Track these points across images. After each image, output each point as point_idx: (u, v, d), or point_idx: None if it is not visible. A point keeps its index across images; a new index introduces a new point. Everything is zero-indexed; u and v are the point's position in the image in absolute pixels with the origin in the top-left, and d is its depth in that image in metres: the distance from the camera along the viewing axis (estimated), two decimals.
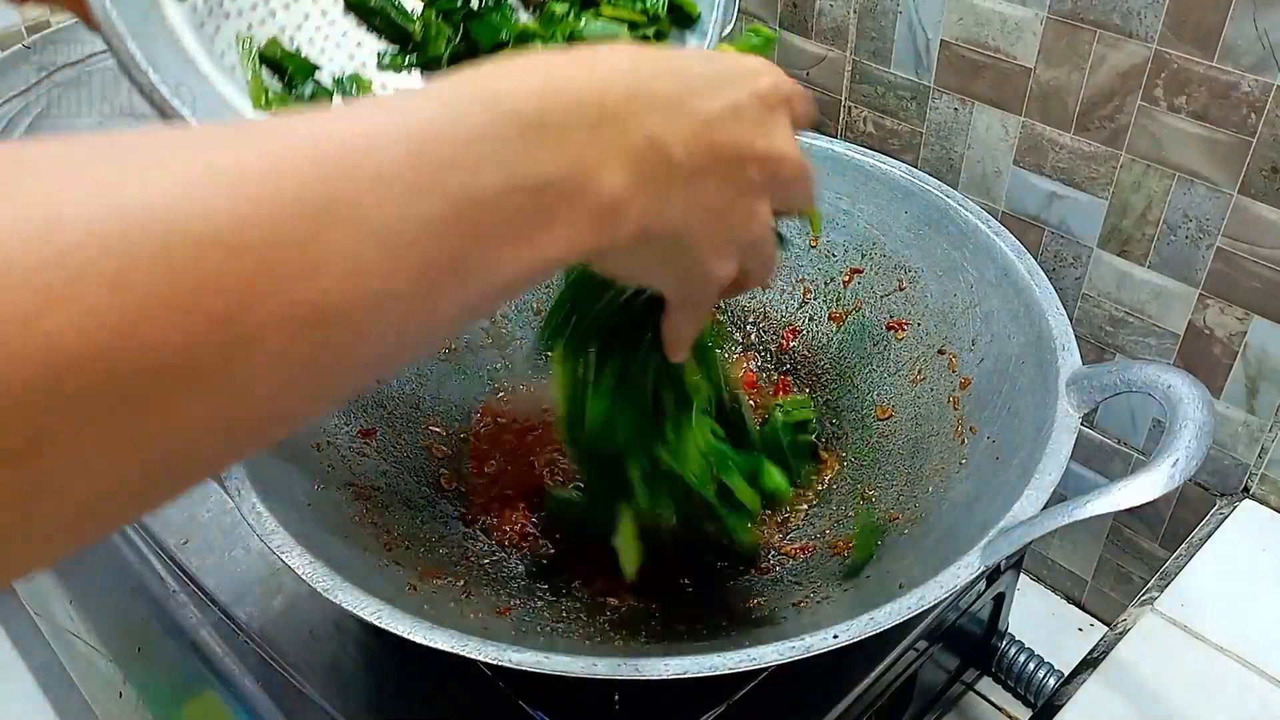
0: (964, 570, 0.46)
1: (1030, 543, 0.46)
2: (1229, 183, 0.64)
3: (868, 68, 0.80)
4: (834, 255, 0.76)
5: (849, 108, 0.83)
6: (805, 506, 0.68)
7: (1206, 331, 0.69)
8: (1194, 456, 0.43)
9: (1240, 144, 0.63)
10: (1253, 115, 0.62)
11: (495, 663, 0.44)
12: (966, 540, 0.48)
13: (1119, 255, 0.71)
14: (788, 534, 0.66)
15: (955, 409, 0.64)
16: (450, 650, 0.45)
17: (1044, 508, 0.48)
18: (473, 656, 0.44)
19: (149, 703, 0.69)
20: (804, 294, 0.77)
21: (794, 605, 0.57)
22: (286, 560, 0.48)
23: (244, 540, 0.70)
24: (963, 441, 0.62)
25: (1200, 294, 0.68)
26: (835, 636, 0.44)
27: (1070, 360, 0.55)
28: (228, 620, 0.65)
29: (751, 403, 0.72)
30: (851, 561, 0.60)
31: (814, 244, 0.77)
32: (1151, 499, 0.42)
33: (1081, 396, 0.53)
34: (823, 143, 0.76)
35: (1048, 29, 0.68)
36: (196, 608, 0.66)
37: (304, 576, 0.48)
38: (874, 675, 0.61)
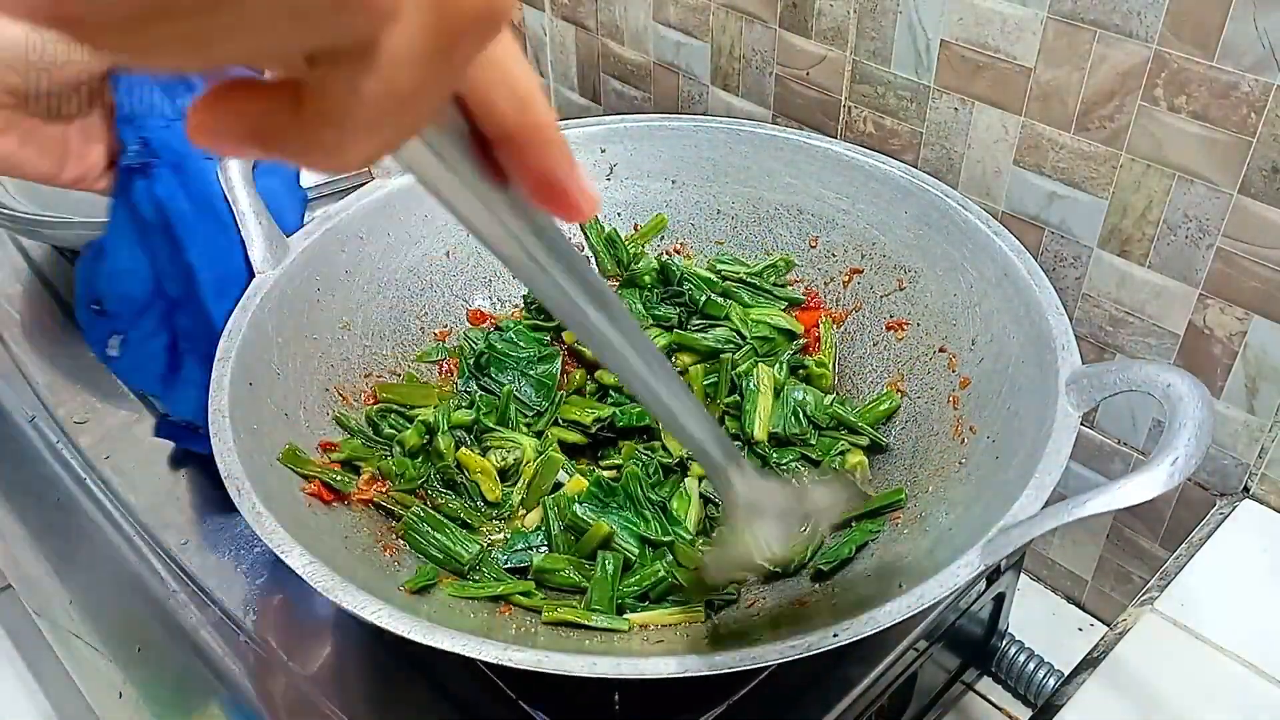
0: (964, 569, 0.46)
1: (1030, 541, 0.46)
2: (1229, 183, 0.64)
3: (868, 68, 0.80)
4: (834, 255, 0.76)
5: (849, 108, 0.83)
6: None
7: (1206, 331, 0.69)
8: (1193, 455, 0.43)
9: (1240, 144, 0.63)
10: (1253, 115, 0.62)
11: (495, 662, 0.44)
12: (966, 539, 0.48)
13: (1119, 255, 0.71)
14: None
15: (955, 408, 0.64)
16: (449, 650, 0.45)
17: (1044, 507, 0.48)
18: (472, 655, 0.44)
19: (149, 703, 0.69)
20: (804, 294, 0.77)
21: (794, 605, 0.57)
22: (287, 560, 0.49)
23: (244, 540, 0.70)
24: (962, 441, 0.62)
25: (1200, 294, 0.68)
26: (835, 635, 0.44)
27: (1070, 360, 0.55)
28: (228, 620, 0.65)
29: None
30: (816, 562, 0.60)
31: (814, 244, 0.77)
32: (1151, 497, 0.42)
33: (1081, 395, 0.53)
34: (823, 143, 0.76)
35: (1048, 29, 0.68)
36: (196, 608, 0.66)
37: (304, 576, 0.48)
38: (874, 675, 0.61)
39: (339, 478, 0.62)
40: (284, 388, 0.64)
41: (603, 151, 0.80)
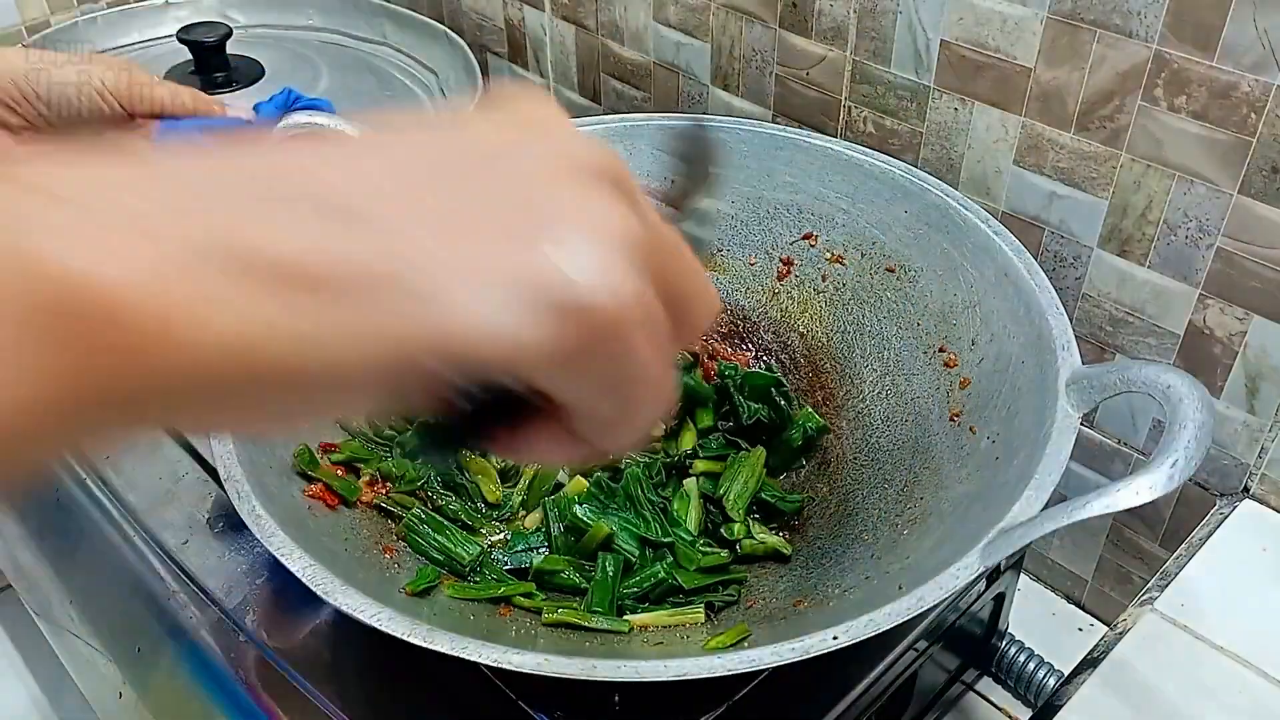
0: (964, 571, 0.46)
1: (1030, 543, 0.46)
2: (1229, 183, 0.64)
3: (868, 68, 0.80)
4: (832, 253, 0.76)
5: (849, 108, 0.83)
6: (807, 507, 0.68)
7: (1206, 331, 0.69)
8: (1193, 457, 0.43)
9: (1240, 144, 0.63)
10: (1253, 115, 0.62)
11: (495, 665, 0.44)
12: (966, 541, 0.48)
13: (1119, 255, 0.71)
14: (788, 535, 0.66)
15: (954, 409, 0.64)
16: (450, 653, 0.45)
17: (1043, 508, 0.48)
18: (472, 659, 0.44)
19: (149, 703, 0.69)
20: None
21: (794, 605, 0.57)
22: (286, 563, 0.49)
23: (244, 540, 0.70)
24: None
25: (1200, 294, 0.68)
26: (835, 638, 0.44)
27: (1070, 360, 0.55)
28: (228, 620, 0.65)
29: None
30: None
31: (813, 243, 0.77)
32: (1150, 500, 0.42)
33: (1081, 396, 0.53)
34: (822, 141, 0.76)
35: (1048, 29, 0.68)
36: (196, 608, 0.66)
37: (304, 579, 0.48)
38: (874, 675, 0.61)
39: (345, 483, 0.62)
40: None
41: None
